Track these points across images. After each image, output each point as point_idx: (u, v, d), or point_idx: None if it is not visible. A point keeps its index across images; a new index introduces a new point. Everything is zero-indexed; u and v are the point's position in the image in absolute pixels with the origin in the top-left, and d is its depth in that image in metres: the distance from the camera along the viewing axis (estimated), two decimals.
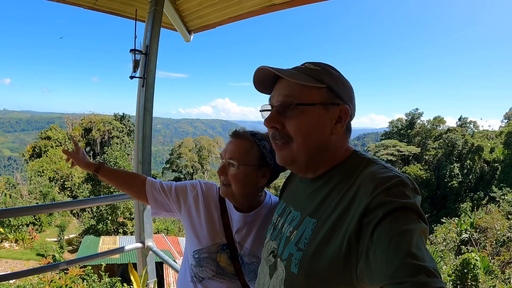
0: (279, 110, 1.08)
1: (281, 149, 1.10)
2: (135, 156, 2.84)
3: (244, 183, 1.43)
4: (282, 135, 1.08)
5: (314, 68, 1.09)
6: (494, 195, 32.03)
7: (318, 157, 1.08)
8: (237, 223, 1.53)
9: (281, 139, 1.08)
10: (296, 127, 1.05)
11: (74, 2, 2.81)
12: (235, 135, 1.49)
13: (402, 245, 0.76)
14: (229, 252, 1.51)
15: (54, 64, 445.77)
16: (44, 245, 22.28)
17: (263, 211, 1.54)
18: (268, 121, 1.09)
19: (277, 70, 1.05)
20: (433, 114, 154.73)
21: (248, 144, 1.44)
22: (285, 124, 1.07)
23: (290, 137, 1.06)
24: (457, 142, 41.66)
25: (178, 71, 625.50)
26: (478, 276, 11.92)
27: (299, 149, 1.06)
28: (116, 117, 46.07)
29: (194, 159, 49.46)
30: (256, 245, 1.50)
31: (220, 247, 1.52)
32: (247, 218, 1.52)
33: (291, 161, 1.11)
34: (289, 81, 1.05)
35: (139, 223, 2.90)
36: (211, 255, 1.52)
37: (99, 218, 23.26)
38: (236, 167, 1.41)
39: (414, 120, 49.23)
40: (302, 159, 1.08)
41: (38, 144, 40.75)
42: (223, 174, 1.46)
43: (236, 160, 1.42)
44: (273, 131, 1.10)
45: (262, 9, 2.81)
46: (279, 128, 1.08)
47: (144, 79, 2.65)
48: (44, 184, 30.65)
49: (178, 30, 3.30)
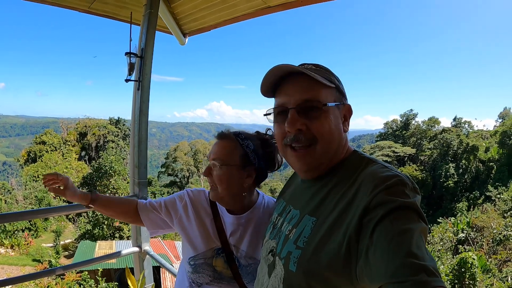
0: (299, 111, 1.04)
1: (305, 154, 1.06)
2: (131, 160, 2.82)
3: (228, 184, 1.44)
4: (307, 138, 1.04)
5: (317, 69, 1.09)
6: (490, 194, 32.12)
7: (332, 158, 1.08)
8: (230, 226, 1.53)
9: (306, 141, 1.04)
10: (322, 128, 1.03)
11: (69, 5, 2.80)
12: (220, 136, 1.51)
13: (403, 244, 0.76)
14: (225, 256, 1.50)
15: (49, 68, 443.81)
16: (40, 251, 22.11)
17: (256, 211, 1.54)
18: (292, 124, 1.04)
19: (301, 68, 1.04)
20: (428, 114, 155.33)
21: (232, 144, 1.46)
22: (309, 126, 1.04)
23: (315, 139, 1.04)
24: (452, 142, 41.85)
25: (173, 74, 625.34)
26: (476, 275, 11.96)
27: (324, 151, 1.05)
28: (111, 121, 45.99)
29: (189, 163, 49.43)
30: (252, 247, 1.49)
31: (215, 251, 1.51)
32: (240, 220, 1.52)
33: (316, 166, 1.08)
34: (306, 81, 1.04)
35: (136, 227, 2.87)
36: (207, 260, 1.51)
37: (95, 223, 23.14)
38: (218, 167, 1.42)
39: (409, 121, 49.43)
40: (325, 161, 1.07)
41: (33, 149, 40.58)
42: (208, 176, 1.47)
43: (219, 160, 1.43)
44: (296, 133, 1.05)
45: (257, 11, 2.80)
46: (304, 130, 1.04)
47: (140, 82, 2.64)
48: (39, 189, 30.46)
49: (173, 33, 3.29)
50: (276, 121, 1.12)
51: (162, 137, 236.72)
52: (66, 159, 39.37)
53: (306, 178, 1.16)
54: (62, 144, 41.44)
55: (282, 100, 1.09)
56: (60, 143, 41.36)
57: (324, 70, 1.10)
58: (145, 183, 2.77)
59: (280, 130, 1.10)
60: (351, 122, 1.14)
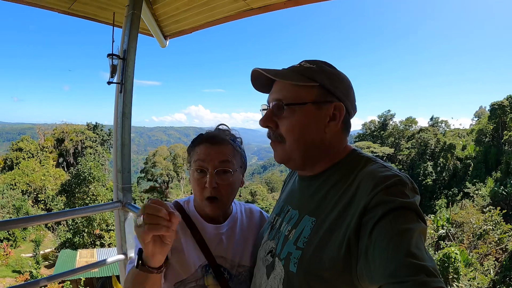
0: (273, 110, 1.10)
1: (276, 147, 1.12)
2: (114, 165, 2.75)
3: (235, 190, 1.37)
4: (275, 135, 1.10)
5: (309, 66, 1.09)
6: (468, 191, 33.09)
7: (313, 154, 1.08)
8: (213, 237, 1.38)
9: (275, 138, 1.11)
10: (287, 127, 1.07)
11: (47, 6, 2.72)
12: (215, 139, 1.36)
13: (402, 244, 0.77)
14: (213, 272, 1.34)
15: (25, 73, 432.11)
16: (19, 261, 21.66)
17: (236, 217, 1.46)
18: (263, 121, 1.12)
19: (266, 71, 1.07)
20: (405, 115, 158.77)
21: (233, 149, 1.37)
22: (279, 124, 1.09)
23: (282, 137, 1.08)
24: (430, 141, 42.96)
25: (150, 78, 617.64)
26: (459, 269, 12.26)
27: (292, 148, 1.07)
28: (89, 126, 45.41)
29: (169, 168, 49.18)
30: (239, 254, 1.39)
31: (204, 269, 1.34)
32: (222, 229, 1.40)
33: (287, 159, 1.12)
34: (281, 81, 1.08)
35: (120, 234, 2.80)
36: (198, 282, 1.33)
37: (75, 231, 22.79)
38: (231, 172, 1.33)
39: (386, 122, 50.52)
40: (296, 156, 1.09)
41: (9, 156, 39.72)
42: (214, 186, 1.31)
43: (232, 164, 1.33)
44: (268, 130, 1.13)
45: (239, 13, 2.79)
46: (273, 128, 1.11)
47: (122, 85, 2.58)
48: (16, 197, 29.80)
49: (154, 35, 3.25)
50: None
51: (140, 142, 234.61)
52: (44, 166, 38.61)
53: (301, 174, 1.19)
54: (39, 150, 40.65)
55: (267, 99, 1.16)
56: (37, 150, 40.56)
57: (316, 68, 1.08)
58: (129, 188, 2.70)
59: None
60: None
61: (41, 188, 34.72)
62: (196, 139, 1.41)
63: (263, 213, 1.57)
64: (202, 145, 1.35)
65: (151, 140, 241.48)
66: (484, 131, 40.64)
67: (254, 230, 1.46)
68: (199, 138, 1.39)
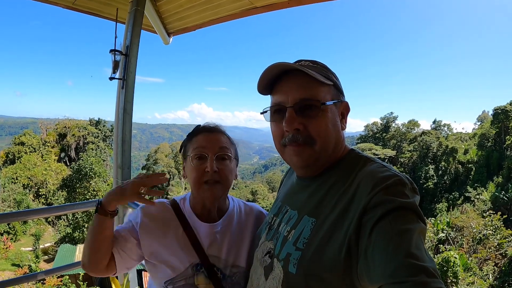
0: (297, 110, 1.02)
1: (303, 151, 1.03)
2: (114, 160, 2.77)
3: (232, 177, 1.38)
4: (304, 137, 1.02)
5: (314, 66, 1.07)
6: (469, 195, 32.91)
7: (330, 156, 1.06)
8: (206, 236, 1.36)
9: (303, 141, 1.02)
10: (319, 128, 1.02)
11: (52, 0, 2.72)
12: (213, 129, 1.41)
13: (402, 245, 0.76)
14: (205, 271, 1.31)
15: (29, 67, 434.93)
16: (19, 255, 21.67)
17: (232, 216, 1.44)
18: (290, 123, 1.02)
19: (297, 66, 1.01)
20: (408, 117, 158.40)
21: (229, 139, 1.42)
22: (306, 125, 1.02)
23: (313, 139, 1.02)
24: (432, 145, 42.77)
25: (154, 75, 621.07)
26: (458, 273, 12.22)
27: (322, 150, 1.03)
28: (91, 122, 45.34)
29: (170, 165, 49.04)
30: (233, 254, 1.36)
31: (195, 268, 1.31)
32: (216, 228, 1.38)
33: (313, 162, 1.06)
34: (303, 79, 1.01)
35: None
36: (188, 280, 1.30)
37: (75, 225, 22.80)
38: (230, 159, 1.36)
39: (389, 124, 50.26)
40: (323, 158, 1.05)
41: (11, 150, 39.77)
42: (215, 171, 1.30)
43: (230, 152, 1.36)
44: (294, 133, 1.03)
45: (243, 12, 2.80)
46: (301, 130, 1.02)
47: (124, 81, 2.59)
48: (18, 191, 29.84)
49: (157, 32, 3.25)
50: (273, 119, 1.10)
51: (143, 139, 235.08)
52: (46, 160, 38.60)
53: (302, 175, 1.15)
54: (41, 145, 40.64)
55: (279, 99, 1.06)
56: (39, 144, 40.56)
57: (321, 67, 1.08)
58: None
59: (278, 129, 1.08)
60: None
61: (42, 182, 34.74)
62: (193, 131, 1.45)
63: (264, 213, 1.54)
64: (200, 134, 1.39)
65: (153, 137, 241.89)
66: (486, 135, 40.45)
67: (251, 230, 1.43)
68: (197, 129, 1.44)
